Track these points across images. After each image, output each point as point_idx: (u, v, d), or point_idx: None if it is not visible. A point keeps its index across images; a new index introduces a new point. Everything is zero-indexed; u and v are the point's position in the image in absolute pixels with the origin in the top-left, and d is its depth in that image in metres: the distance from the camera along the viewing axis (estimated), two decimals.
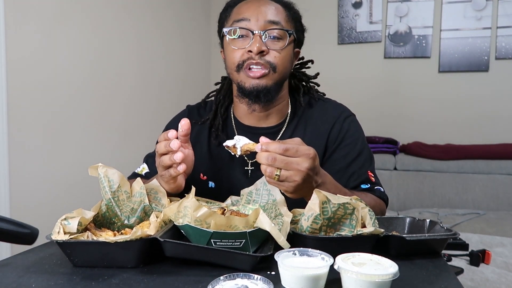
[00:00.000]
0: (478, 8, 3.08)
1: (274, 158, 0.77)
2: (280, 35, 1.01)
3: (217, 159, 1.12)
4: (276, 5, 1.04)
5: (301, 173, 0.78)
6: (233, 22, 1.03)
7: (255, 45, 0.98)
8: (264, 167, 0.79)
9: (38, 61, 1.84)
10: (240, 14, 1.02)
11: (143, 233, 0.69)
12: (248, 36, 1.01)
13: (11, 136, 1.71)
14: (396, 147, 3.10)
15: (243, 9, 1.03)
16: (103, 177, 0.81)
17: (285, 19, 1.04)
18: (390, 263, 0.61)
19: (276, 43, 1.02)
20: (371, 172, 1.09)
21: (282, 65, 1.02)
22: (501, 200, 2.79)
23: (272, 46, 1.01)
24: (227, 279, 0.59)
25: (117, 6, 2.33)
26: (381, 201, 1.07)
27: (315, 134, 1.10)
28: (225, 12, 1.10)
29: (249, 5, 1.03)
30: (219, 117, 1.14)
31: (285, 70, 1.05)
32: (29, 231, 0.72)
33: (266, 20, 1.00)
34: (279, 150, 0.78)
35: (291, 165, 0.78)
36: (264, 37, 1.00)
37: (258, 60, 0.99)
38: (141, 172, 1.13)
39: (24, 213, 1.73)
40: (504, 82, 3.07)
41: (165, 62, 2.84)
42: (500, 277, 1.64)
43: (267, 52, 1.00)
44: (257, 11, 1.00)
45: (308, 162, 0.78)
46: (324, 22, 3.38)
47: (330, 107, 1.14)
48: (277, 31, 1.01)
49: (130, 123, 2.45)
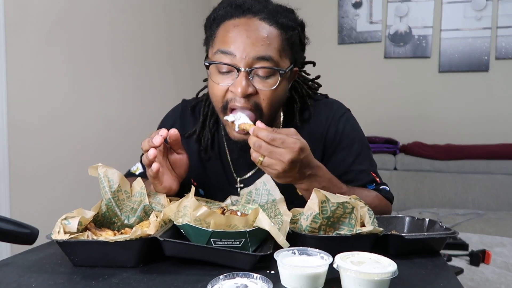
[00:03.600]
0: (478, 8, 3.08)
1: (260, 146, 0.79)
2: (270, 72, 0.89)
3: (207, 170, 1.09)
4: (269, 29, 0.89)
5: (282, 164, 0.79)
6: (218, 51, 0.90)
7: (239, 85, 0.86)
8: (251, 151, 0.81)
9: (38, 61, 1.84)
10: (225, 44, 0.88)
11: (143, 232, 0.69)
12: (233, 71, 0.88)
13: (11, 136, 1.71)
14: (396, 147, 3.10)
15: (230, 38, 0.88)
16: (103, 177, 0.81)
17: (278, 50, 0.89)
18: (389, 261, 0.61)
19: (265, 82, 0.89)
20: (374, 173, 1.07)
21: (270, 107, 0.92)
22: (501, 200, 2.79)
23: (261, 86, 0.89)
24: (226, 278, 0.60)
25: (117, 7, 2.34)
26: (387, 201, 1.05)
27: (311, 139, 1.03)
28: (211, 24, 0.96)
29: (236, 33, 0.88)
30: (207, 131, 1.07)
31: (274, 111, 0.95)
32: (29, 231, 0.72)
33: (254, 56, 0.86)
34: (266, 139, 0.79)
35: (274, 155, 0.79)
36: (252, 75, 0.88)
37: (243, 104, 0.88)
38: (135, 171, 1.12)
39: (24, 213, 1.73)
40: (504, 82, 3.07)
41: (165, 62, 2.85)
42: (500, 277, 1.64)
43: (254, 93, 0.89)
44: (244, 44, 0.86)
45: (290, 155, 0.79)
46: (324, 22, 3.38)
47: (323, 107, 1.08)
48: (266, 70, 0.88)
49: (130, 123, 2.45)
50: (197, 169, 1.08)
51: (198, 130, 1.08)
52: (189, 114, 1.14)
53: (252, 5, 0.90)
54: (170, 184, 0.89)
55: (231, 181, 1.08)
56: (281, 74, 0.89)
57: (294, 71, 0.99)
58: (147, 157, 0.83)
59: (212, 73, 0.92)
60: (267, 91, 0.90)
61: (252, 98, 0.89)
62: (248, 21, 0.89)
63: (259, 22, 0.89)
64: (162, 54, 2.81)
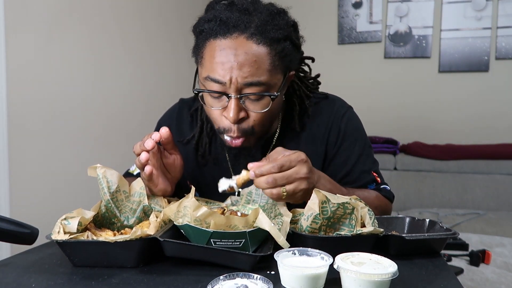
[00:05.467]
0: (478, 8, 3.08)
1: (275, 179, 0.77)
2: (262, 97, 0.87)
3: (205, 175, 1.08)
4: (258, 50, 0.83)
5: (304, 180, 0.79)
6: (207, 77, 0.86)
7: (230, 111, 0.85)
8: (269, 190, 0.77)
9: (38, 61, 1.84)
10: (213, 71, 0.84)
11: (143, 233, 0.69)
12: (222, 96, 0.87)
13: (11, 136, 1.71)
14: (396, 147, 3.10)
15: (218, 64, 0.84)
16: (102, 178, 0.81)
17: (269, 70, 0.85)
18: (389, 262, 0.61)
19: (257, 104, 0.88)
20: (375, 172, 1.06)
21: (262, 126, 0.91)
22: (501, 200, 2.79)
23: (252, 108, 0.87)
24: (226, 278, 0.59)
25: (117, 7, 2.34)
26: (387, 201, 1.04)
27: (311, 140, 1.04)
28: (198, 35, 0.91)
29: (224, 58, 0.83)
30: (204, 136, 1.07)
31: (268, 126, 0.95)
32: (29, 231, 0.72)
33: (243, 82, 0.83)
34: (275, 169, 0.77)
35: (292, 178, 0.78)
36: (243, 100, 0.87)
37: (237, 134, 0.89)
38: (133, 171, 1.11)
39: (24, 213, 1.73)
40: (504, 82, 3.07)
41: (164, 62, 2.85)
42: (500, 277, 1.64)
43: (246, 117, 0.88)
44: (231, 71, 0.83)
45: (305, 167, 0.79)
46: (324, 22, 3.38)
47: (324, 106, 1.06)
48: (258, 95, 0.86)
49: (130, 123, 2.45)
50: (194, 174, 1.08)
51: (197, 136, 1.07)
52: (186, 115, 1.13)
53: (238, 20, 0.84)
54: (165, 187, 0.88)
55: None
56: (273, 99, 0.87)
57: (289, 76, 0.95)
58: (139, 161, 0.83)
59: (204, 97, 0.91)
60: (259, 114, 0.88)
61: (244, 123, 0.89)
62: (235, 43, 0.83)
63: (247, 42, 0.83)
64: (162, 55, 2.80)
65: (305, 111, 1.05)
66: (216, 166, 1.08)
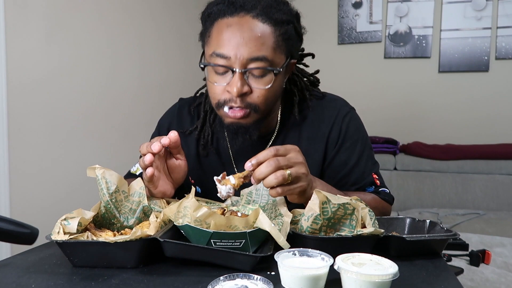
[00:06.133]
0: (478, 8, 3.08)
1: (277, 160, 0.76)
2: (265, 71, 0.89)
3: (205, 167, 1.09)
4: (263, 28, 0.88)
5: (302, 165, 0.79)
6: (213, 53, 0.90)
7: (234, 85, 0.87)
8: (272, 177, 0.75)
9: (38, 61, 1.84)
10: (220, 46, 0.89)
11: (143, 233, 0.69)
12: (227, 72, 0.90)
13: (11, 136, 1.71)
14: (396, 147, 3.10)
15: (224, 40, 0.88)
16: (101, 178, 0.81)
17: (273, 48, 0.89)
18: (390, 263, 0.61)
19: (260, 80, 0.90)
20: (375, 174, 1.06)
21: (266, 104, 0.93)
22: (501, 200, 2.79)
23: (256, 84, 0.90)
24: (227, 279, 0.59)
25: (117, 7, 2.33)
26: (385, 203, 1.04)
27: (312, 138, 1.04)
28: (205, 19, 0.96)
29: (230, 34, 0.88)
30: (207, 127, 1.08)
31: (270, 105, 0.96)
32: (29, 231, 0.72)
33: (248, 57, 0.87)
34: (272, 153, 0.76)
35: (292, 161, 0.78)
36: (247, 75, 0.89)
37: (239, 104, 0.90)
38: (136, 172, 1.11)
39: (24, 213, 1.73)
40: (504, 82, 3.07)
41: (164, 62, 2.85)
42: (500, 277, 1.64)
43: (249, 92, 0.90)
44: (237, 46, 0.87)
45: (300, 155, 0.80)
46: (324, 22, 3.38)
47: (326, 105, 1.07)
48: (261, 70, 0.89)
49: (130, 123, 2.45)
50: (195, 166, 1.09)
51: (200, 126, 1.08)
52: (186, 113, 1.14)
53: (245, 1, 0.89)
54: (164, 189, 0.88)
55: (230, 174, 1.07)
56: (276, 74, 0.90)
57: (291, 64, 0.99)
58: (143, 162, 0.82)
59: (209, 73, 0.93)
60: (262, 90, 0.90)
61: (247, 97, 0.90)
62: (241, 21, 0.88)
63: (252, 20, 0.88)
64: (162, 54, 2.80)
65: (304, 100, 1.07)
66: (217, 157, 1.08)
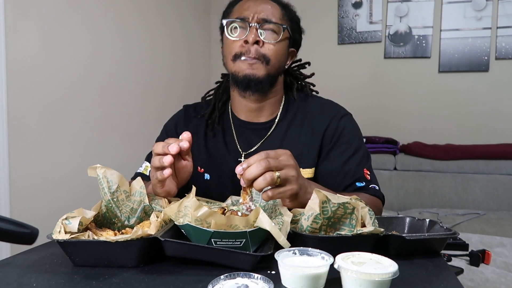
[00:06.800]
0: (478, 8, 3.08)
1: (268, 162, 0.76)
2: (274, 29, 1.08)
3: (213, 151, 1.16)
4: (273, 4, 1.11)
5: (292, 167, 0.80)
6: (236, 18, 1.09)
7: (250, 35, 1.05)
8: (261, 179, 0.76)
9: (38, 61, 1.84)
10: (240, 12, 1.09)
11: (143, 232, 0.69)
12: (245, 29, 1.07)
13: (11, 136, 1.71)
14: (396, 147, 3.10)
15: (242, 9, 1.10)
16: (102, 178, 0.81)
17: (280, 17, 1.10)
18: (389, 262, 0.61)
19: (270, 35, 1.07)
20: (367, 170, 1.10)
21: (275, 57, 1.08)
22: (501, 200, 2.79)
23: (267, 39, 1.07)
24: (227, 278, 0.60)
25: (117, 6, 2.34)
26: (376, 199, 1.07)
27: (311, 130, 1.12)
28: (227, 10, 1.16)
29: (248, 4, 1.10)
30: (216, 111, 1.19)
31: (278, 63, 1.10)
32: (29, 231, 0.72)
33: (261, 17, 1.07)
34: (262, 157, 0.77)
35: (281, 164, 0.78)
36: (260, 31, 1.06)
37: (253, 54, 1.05)
38: (145, 171, 1.13)
39: (24, 213, 1.73)
40: (504, 82, 3.07)
41: (166, 63, 2.85)
42: (500, 277, 1.64)
43: (262, 44, 1.06)
44: (254, 10, 1.08)
45: (291, 159, 0.81)
46: (324, 22, 3.39)
47: (326, 105, 1.17)
48: (272, 25, 1.07)
49: (130, 123, 2.45)
50: (203, 154, 1.15)
51: (210, 110, 1.20)
52: (192, 114, 1.23)
53: None
54: (170, 188, 0.89)
55: (237, 156, 1.13)
56: (283, 29, 1.08)
57: (291, 51, 1.16)
58: (160, 162, 0.82)
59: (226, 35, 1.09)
60: (273, 43, 1.07)
61: (259, 48, 1.06)
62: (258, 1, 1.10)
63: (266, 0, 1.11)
64: (164, 55, 2.80)
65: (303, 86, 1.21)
66: (222, 140, 1.17)
